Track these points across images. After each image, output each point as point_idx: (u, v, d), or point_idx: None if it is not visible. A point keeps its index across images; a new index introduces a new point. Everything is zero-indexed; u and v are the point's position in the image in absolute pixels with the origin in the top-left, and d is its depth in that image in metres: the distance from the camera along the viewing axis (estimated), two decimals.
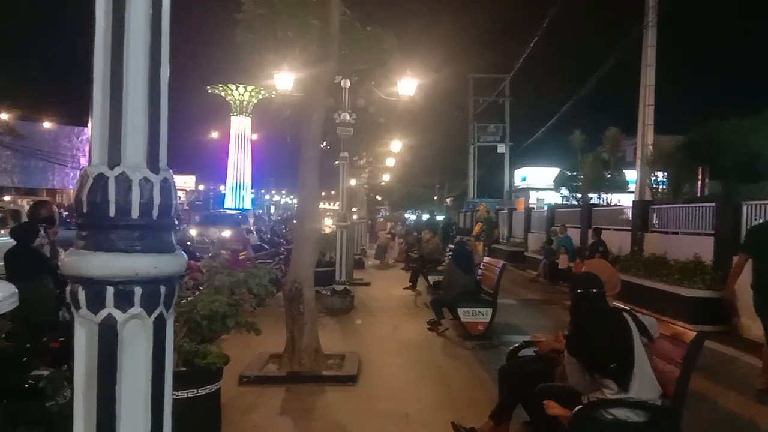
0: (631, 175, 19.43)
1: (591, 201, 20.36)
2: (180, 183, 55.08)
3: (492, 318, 8.28)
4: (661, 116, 15.90)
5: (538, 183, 34.85)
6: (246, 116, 40.01)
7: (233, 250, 12.47)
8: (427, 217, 33.13)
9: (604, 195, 21.35)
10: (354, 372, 6.10)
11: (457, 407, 5.22)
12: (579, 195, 22.15)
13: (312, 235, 6.67)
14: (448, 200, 50.53)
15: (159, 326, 1.36)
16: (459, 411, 5.00)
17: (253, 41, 7.01)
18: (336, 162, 10.71)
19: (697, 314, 8.73)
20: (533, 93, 35.70)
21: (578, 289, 3.64)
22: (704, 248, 10.15)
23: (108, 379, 1.30)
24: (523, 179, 38.23)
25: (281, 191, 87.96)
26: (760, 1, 31.64)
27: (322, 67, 6.53)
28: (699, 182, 16.79)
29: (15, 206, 15.91)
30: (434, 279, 11.04)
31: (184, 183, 63.51)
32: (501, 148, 35.70)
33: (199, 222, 26.14)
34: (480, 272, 9.48)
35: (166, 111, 1.40)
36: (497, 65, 33.98)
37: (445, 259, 12.22)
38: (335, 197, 14.24)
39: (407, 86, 10.32)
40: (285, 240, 18.58)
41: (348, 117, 9.96)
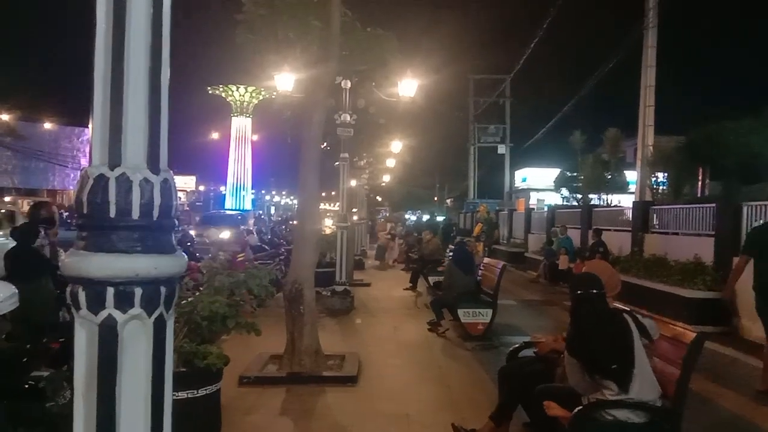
0: (632, 176, 19.41)
1: (591, 202, 20.36)
2: (180, 184, 55.06)
3: (492, 319, 8.28)
4: (662, 117, 15.91)
5: (539, 184, 34.83)
6: (246, 117, 40.09)
7: (231, 252, 12.45)
8: (428, 218, 33.11)
9: (605, 196, 21.33)
10: (354, 373, 6.09)
11: (458, 408, 5.23)
12: (579, 196, 22.15)
13: (312, 236, 6.67)
14: (449, 201, 50.51)
15: (159, 327, 1.36)
16: (459, 412, 5.00)
17: (254, 42, 7.00)
18: (336, 163, 10.72)
19: (698, 315, 8.72)
20: (534, 94, 35.84)
21: (578, 290, 3.64)
22: (704, 249, 10.14)
23: (108, 380, 1.30)
24: (524, 180, 38.24)
25: (282, 192, 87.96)
26: (760, 1, 31.67)
27: (323, 68, 6.53)
28: (699, 183, 16.77)
29: (10, 207, 15.72)
30: (434, 280, 11.03)
31: (185, 184, 63.56)
32: (501, 149, 35.65)
33: (198, 223, 26.16)
34: (480, 273, 9.47)
35: (167, 112, 1.40)
36: (498, 66, 34.01)
37: (446, 260, 12.21)
38: (335, 198, 14.24)
39: (408, 87, 10.32)
40: (285, 241, 18.57)
41: (348, 118, 9.96)
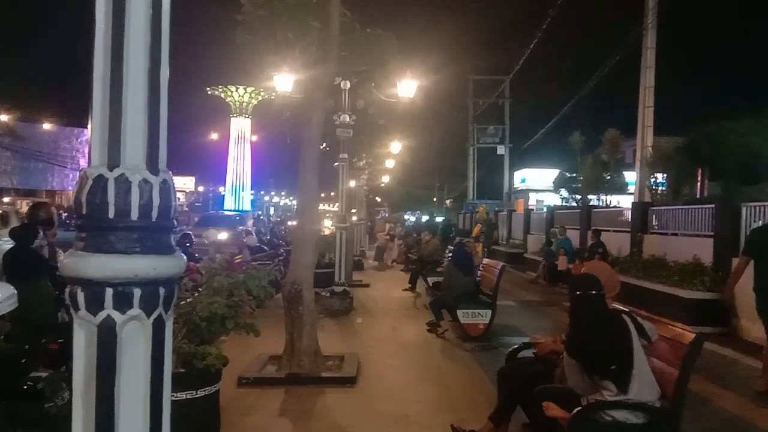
0: (631, 177, 19.42)
1: (590, 202, 20.37)
2: (179, 184, 55.15)
3: (491, 319, 8.27)
4: (661, 117, 15.91)
5: (538, 184, 34.86)
6: (246, 118, 40.10)
7: (228, 254, 12.46)
8: (427, 219, 33.10)
9: (604, 196, 21.35)
10: (353, 373, 6.09)
11: (457, 409, 5.23)
12: (578, 196, 22.15)
13: (311, 237, 6.67)
14: (448, 201, 50.53)
15: (158, 328, 1.36)
16: (458, 412, 5.00)
17: (253, 42, 7.00)
18: (335, 163, 10.72)
19: (697, 316, 8.73)
20: (533, 94, 35.83)
21: (577, 291, 3.64)
22: (704, 250, 10.15)
23: (107, 381, 1.30)
24: (523, 181, 38.25)
25: (281, 192, 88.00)
26: (760, 1, 31.71)
27: (322, 69, 6.53)
28: (698, 184, 16.81)
29: (5, 208, 15.65)
30: (433, 280, 11.04)
31: (184, 184, 63.63)
32: (500, 150, 35.65)
33: (197, 223, 26.15)
34: (479, 274, 9.48)
35: (166, 112, 1.40)
36: (497, 66, 34.03)
37: (445, 261, 12.22)
38: (335, 198, 14.23)
39: (407, 88, 10.33)
40: (284, 241, 18.56)
41: (348, 118, 9.95)
